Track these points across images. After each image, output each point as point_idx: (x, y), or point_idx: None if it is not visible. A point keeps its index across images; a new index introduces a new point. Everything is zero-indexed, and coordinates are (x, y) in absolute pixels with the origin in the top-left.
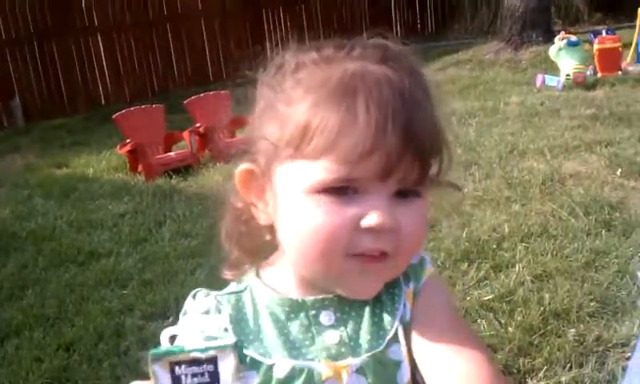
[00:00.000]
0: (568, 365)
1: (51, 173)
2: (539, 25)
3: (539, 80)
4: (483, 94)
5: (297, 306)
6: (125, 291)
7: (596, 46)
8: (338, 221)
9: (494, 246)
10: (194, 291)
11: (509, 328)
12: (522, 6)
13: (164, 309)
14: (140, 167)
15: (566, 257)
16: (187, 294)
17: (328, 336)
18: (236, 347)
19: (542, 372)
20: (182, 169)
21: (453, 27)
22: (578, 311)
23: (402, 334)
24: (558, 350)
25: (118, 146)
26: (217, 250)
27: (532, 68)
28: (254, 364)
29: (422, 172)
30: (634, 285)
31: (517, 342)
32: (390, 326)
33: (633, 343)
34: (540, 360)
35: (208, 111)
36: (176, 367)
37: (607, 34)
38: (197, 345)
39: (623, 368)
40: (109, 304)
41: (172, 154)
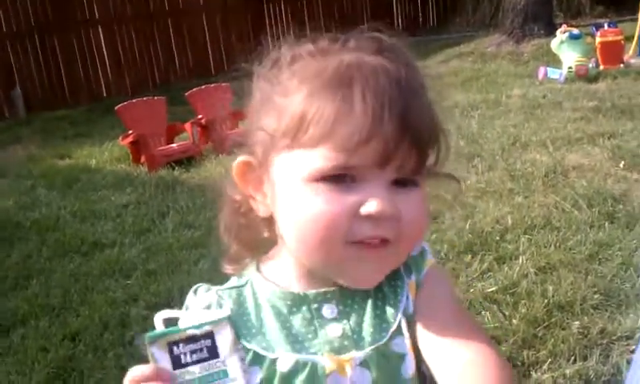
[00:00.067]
0: (572, 357)
1: (54, 163)
2: (541, 18)
3: (541, 72)
4: (485, 86)
5: (299, 300)
6: (129, 281)
7: (598, 38)
8: (337, 208)
9: (498, 237)
10: (195, 286)
11: (513, 320)
12: (524, 0)
13: (168, 299)
14: (142, 158)
15: (570, 249)
16: (191, 285)
17: (331, 329)
18: (230, 319)
19: (546, 364)
20: (185, 160)
21: (454, 20)
22: (582, 303)
23: (405, 326)
24: (562, 342)
25: (121, 138)
26: (219, 242)
27: (534, 61)
28: (257, 358)
29: (420, 160)
30: (638, 277)
31: (521, 334)
32: (393, 318)
33: (637, 336)
34: (544, 352)
35: (209, 103)
36: (174, 347)
37: (609, 26)
38: (191, 322)
39: (628, 361)
40: (113, 294)
41: (174, 145)
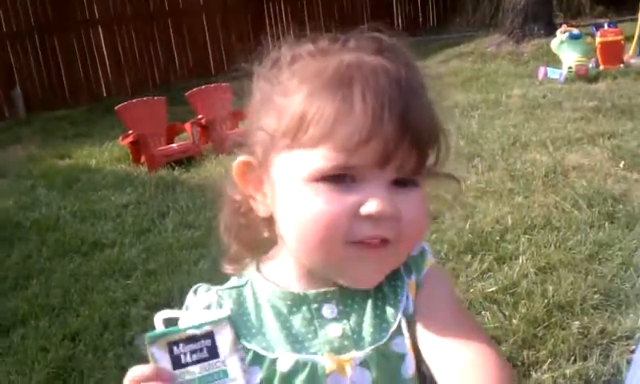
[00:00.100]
0: (572, 357)
1: (54, 163)
2: (541, 18)
3: (541, 72)
4: (485, 86)
5: (299, 300)
6: (129, 281)
7: (598, 38)
8: (337, 208)
9: (498, 237)
10: (195, 286)
11: (513, 320)
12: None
13: (168, 299)
14: (142, 158)
15: (570, 249)
16: (191, 285)
17: (331, 329)
18: (230, 319)
19: (546, 364)
20: (185, 160)
21: (455, 20)
22: (582, 303)
23: (405, 326)
24: (562, 342)
25: (121, 138)
26: (219, 242)
27: (534, 61)
28: (257, 358)
29: (420, 160)
30: (638, 277)
31: (521, 334)
32: (393, 318)
33: (637, 336)
34: (544, 352)
35: (209, 103)
36: (174, 347)
37: (609, 26)
38: (192, 322)
39: (628, 361)
40: (113, 294)
41: (174, 145)
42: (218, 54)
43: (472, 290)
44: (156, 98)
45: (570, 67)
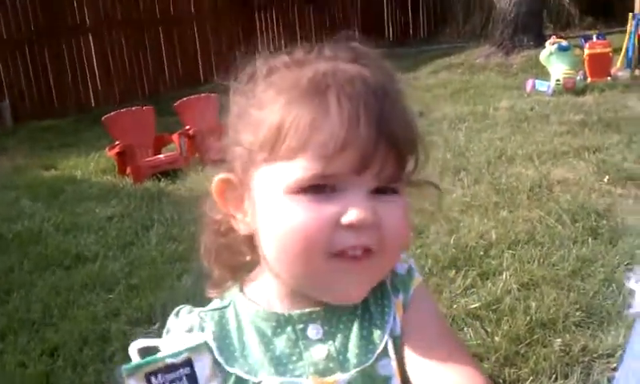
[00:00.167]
0: (554, 375)
1: (39, 174)
2: (531, 29)
3: (529, 85)
4: (473, 98)
5: (283, 320)
6: (111, 296)
7: (586, 50)
8: (317, 218)
9: (482, 253)
10: (177, 309)
11: (495, 337)
12: (514, 10)
13: (150, 314)
14: (128, 170)
15: (553, 265)
16: (174, 300)
17: (316, 351)
18: (207, 345)
19: (527, 382)
20: (171, 172)
21: (445, 31)
22: (564, 321)
23: (391, 348)
24: (544, 360)
25: (107, 148)
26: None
27: (522, 72)
28: (240, 382)
29: (398, 166)
30: (620, 294)
31: (503, 351)
32: (380, 340)
33: (618, 354)
34: (526, 370)
35: (197, 114)
36: (152, 377)
37: (598, 38)
38: (169, 351)
39: (609, 379)
40: (94, 308)
41: (161, 156)
42: (208, 63)
43: (455, 305)
44: (144, 107)
45: (558, 80)
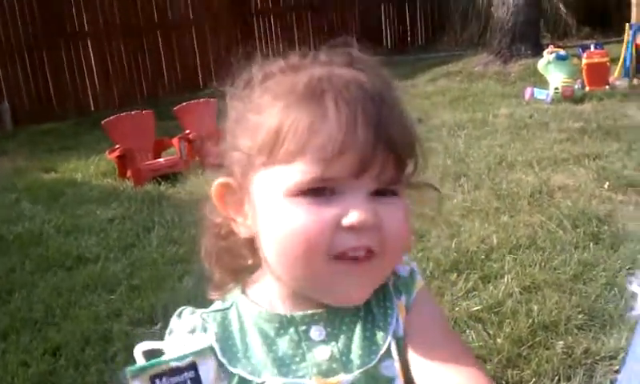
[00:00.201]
0: (556, 377)
1: (39, 177)
2: (528, 38)
3: (528, 93)
4: (472, 105)
5: (286, 322)
6: (112, 296)
7: (584, 60)
8: (317, 221)
9: (483, 256)
10: (179, 309)
11: (497, 339)
12: (512, 20)
13: (151, 314)
14: (129, 173)
15: (555, 269)
16: (175, 301)
17: (319, 352)
18: (212, 349)
19: None
20: (171, 175)
21: (443, 39)
22: (566, 323)
23: (394, 349)
24: (547, 362)
25: (107, 152)
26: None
27: (521, 81)
28: (244, 383)
29: (397, 168)
30: (622, 297)
31: (505, 353)
32: (383, 341)
33: (621, 356)
34: (528, 372)
35: (197, 118)
36: (156, 380)
37: (595, 48)
38: (173, 354)
39: (611, 381)
40: (96, 309)
41: (161, 160)
42: (206, 68)
43: (457, 308)
44: (144, 111)
45: (557, 88)
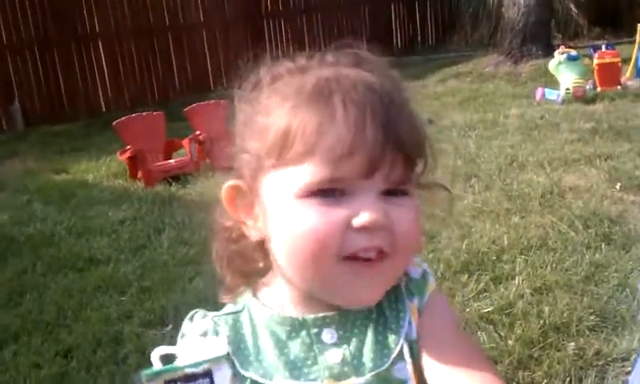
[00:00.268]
0: (568, 379)
1: (50, 178)
2: (539, 39)
3: (539, 93)
4: (483, 106)
5: (298, 325)
6: (123, 298)
7: (596, 60)
8: (327, 222)
9: (494, 257)
10: (191, 313)
11: (508, 341)
12: (523, 20)
13: (162, 316)
14: (139, 174)
15: (566, 270)
16: (186, 302)
17: (330, 355)
18: (229, 356)
19: None
20: (182, 176)
21: (453, 39)
22: (577, 325)
23: (407, 352)
24: (558, 363)
25: (118, 153)
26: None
27: (532, 81)
28: None
29: (407, 168)
30: (634, 299)
31: (516, 355)
32: (395, 344)
33: (633, 357)
34: (539, 373)
35: (207, 119)
36: None
37: (607, 48)
38: (189, 360)
39: (623, 382)
40: (107, 310)
41: (172, 161)
42: (217, 69)
43: (468, 309)
44: (155, 113)
45: (568, 88)
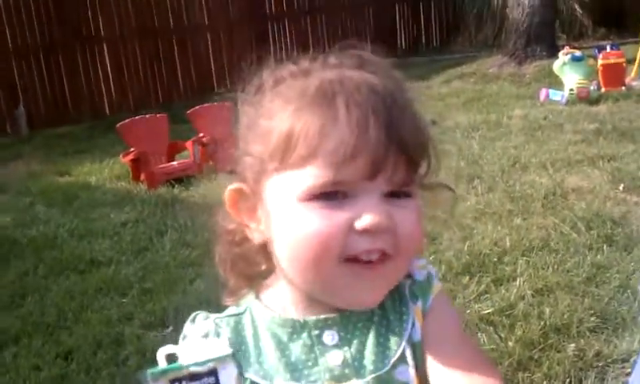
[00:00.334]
0: (568, 380)
1: (54, 181)
2: (543, 39)
3: (543, 94)
4: (487, 107)
5: (299, 326)
6: (124, 300)
7: (600, 61)
8: (330, 225)
9: (495, 259)
10: (193, 314)
11: (509, 342)
12: (527, 21)
13: (163, 318)
14: (142, 176)
15: (567, 271)
16: (187, 304)
17: (331, 357)
18: (234, 356)
19: None
20: (184, 178)
21: (457, 40)
22: (578, 326)
23: (410, 354)
24: (558, 364)
25: (121, 155)
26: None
27: (536, 82)
28: None
29: (410, 169)
30: (635, 300)
31: (516, 356)
32: (397, 346)
33: (633, 359)
34: (539, 375)
35: (210, 121)
36: None
37: (611, 49)
38: (195, 359)
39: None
40: (108, 312)
41: (175, 163)
42: (221, 72)
43: (469, 311)
44: (158, 115)
45: (572, 89)
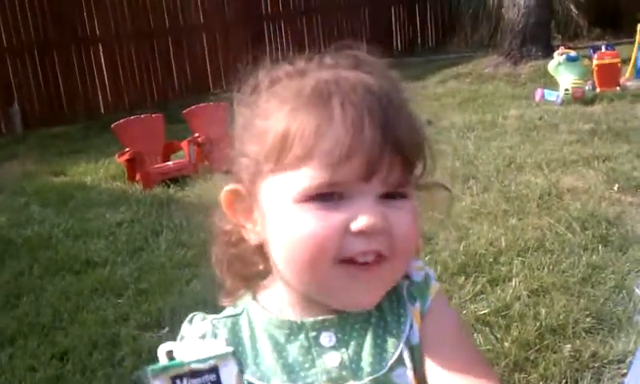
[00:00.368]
0: (564, 381)
1: (49, 180)
2: (539, 39)
3: (538, 94)
4: (482, 107)
5: (296, 328)
6: (120, 300)
7: (595, 61)
8: (325, 226)
9: (491, 259)
10: (190, 315)
11: (505, 343)
12: (522, 21)
13: (159, 318)
14: (138, 176)
15: (563, 272)
16: (183, 305)
17: (328, 358)
18: (235, 353)
19: None
20: (180, 178)
21: (453, 41)
22: (574, 327)
23: (407, 356)
24: (554, 365)
25: (117, 155)
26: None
27: (531, 82)
28: None
29: (405, 170)
30: (631, 301)
31: (512, 357)
32: (394, 348)
33: (629, 360)
34: (535, 376)
35: (206, 121)
36: (177, 381)
37: (606, 49)
38: (196, 356)
39: None
40: (104, 313)
41: (170, 163)
42: (216, 72)
43: (464, 311)
44: (153, 115)
45: (567, 89)
